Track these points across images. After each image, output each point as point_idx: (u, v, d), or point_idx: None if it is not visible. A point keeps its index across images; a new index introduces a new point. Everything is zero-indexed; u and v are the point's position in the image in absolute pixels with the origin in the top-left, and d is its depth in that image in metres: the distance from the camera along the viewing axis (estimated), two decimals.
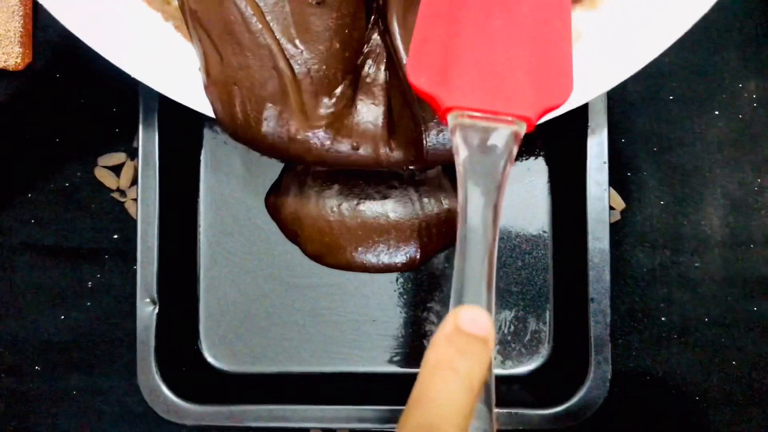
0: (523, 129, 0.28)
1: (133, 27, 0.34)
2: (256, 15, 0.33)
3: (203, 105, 0.35)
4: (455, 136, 0.28)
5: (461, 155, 0.28)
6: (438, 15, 0.29)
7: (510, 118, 0.28)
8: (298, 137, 0.34)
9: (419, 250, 0.41)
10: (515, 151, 0.28)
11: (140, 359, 0.38)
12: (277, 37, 0.33)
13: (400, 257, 0.41)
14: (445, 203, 0.41)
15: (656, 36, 0.33)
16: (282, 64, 0.33)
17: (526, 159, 0.43)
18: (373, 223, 0.41)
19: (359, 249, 0.41)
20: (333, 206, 0.41)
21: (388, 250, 0.41)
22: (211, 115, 0.35)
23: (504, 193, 0.27)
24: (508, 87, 0.28)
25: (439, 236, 0.41)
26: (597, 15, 0.34)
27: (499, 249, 0.42)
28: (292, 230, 0.42)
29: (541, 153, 0.43)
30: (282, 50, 0.33)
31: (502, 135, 0.28)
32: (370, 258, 0.41)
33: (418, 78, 0.29)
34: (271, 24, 0.33)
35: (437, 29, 0.29)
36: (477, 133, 0.28)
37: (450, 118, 0.28)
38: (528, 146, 0.43)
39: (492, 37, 0.29)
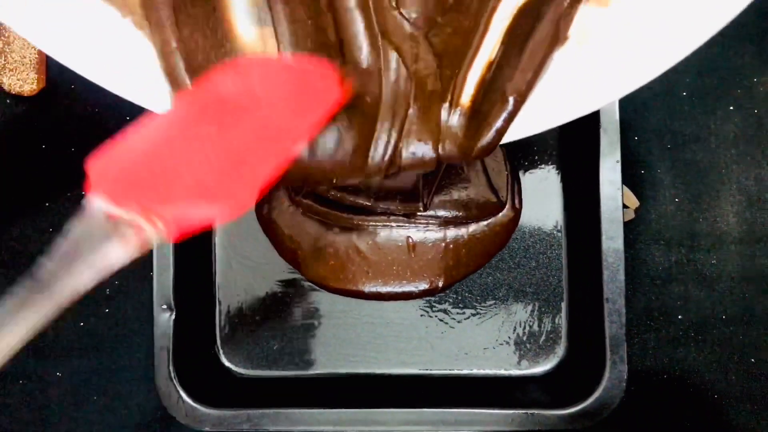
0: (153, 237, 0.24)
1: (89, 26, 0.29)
2: None
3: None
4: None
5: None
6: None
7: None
8: None
9: (443, 276, 0.38)
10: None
11: (158, 365, 0.38)
12: None
13: (420, 285, 0.38)
14: (477, 221, 0.37)
15: (673, 42, 0.30)
16: None
17: (539, 159, 0.42)
18: (389, 245, 0.37)
19: (370, 274, 0.37)
20: (340, 227, 0.37)
21: (406, 276, 0.38)
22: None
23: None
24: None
25: (468, 258, 0.38)
26: (607, 14, 0.31)
27: (512, 249, 0.42)
28: (289, 248, 0.39)
29: (554, 153, 0.42)
30: None
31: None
32: (385, 286, 0.38)
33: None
34: None
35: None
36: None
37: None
38: (541, 147, 0.42)
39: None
